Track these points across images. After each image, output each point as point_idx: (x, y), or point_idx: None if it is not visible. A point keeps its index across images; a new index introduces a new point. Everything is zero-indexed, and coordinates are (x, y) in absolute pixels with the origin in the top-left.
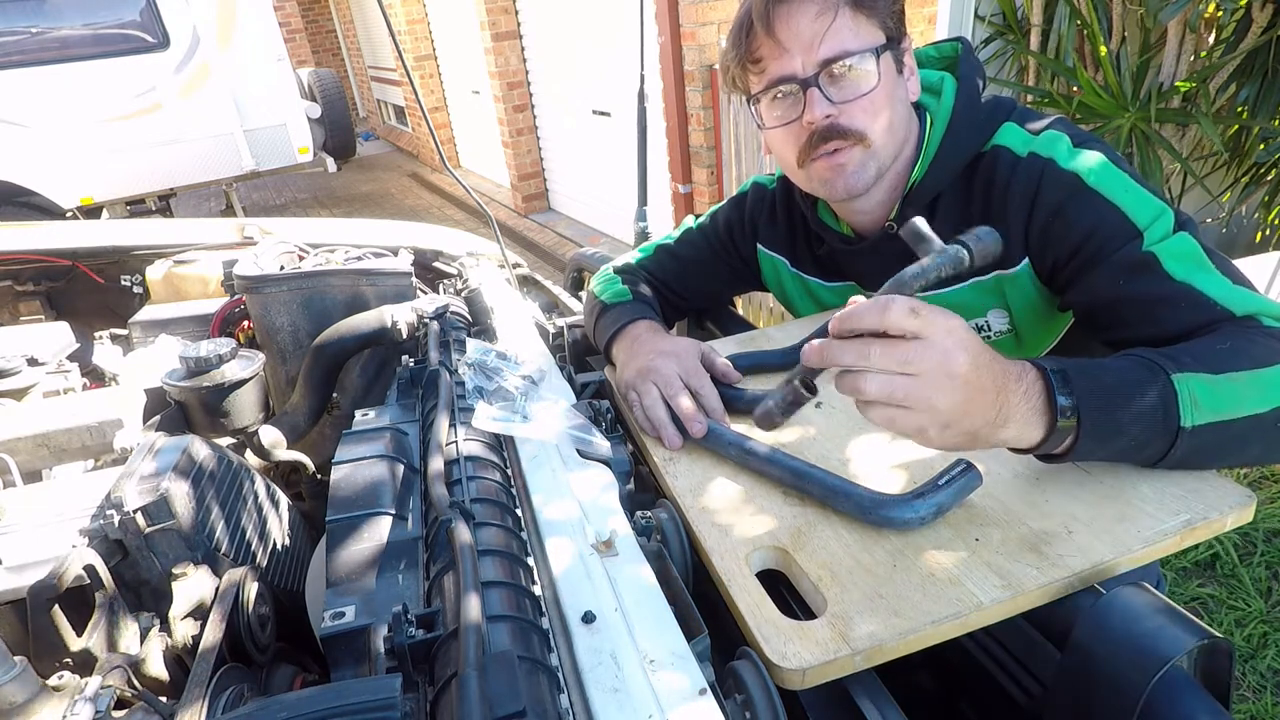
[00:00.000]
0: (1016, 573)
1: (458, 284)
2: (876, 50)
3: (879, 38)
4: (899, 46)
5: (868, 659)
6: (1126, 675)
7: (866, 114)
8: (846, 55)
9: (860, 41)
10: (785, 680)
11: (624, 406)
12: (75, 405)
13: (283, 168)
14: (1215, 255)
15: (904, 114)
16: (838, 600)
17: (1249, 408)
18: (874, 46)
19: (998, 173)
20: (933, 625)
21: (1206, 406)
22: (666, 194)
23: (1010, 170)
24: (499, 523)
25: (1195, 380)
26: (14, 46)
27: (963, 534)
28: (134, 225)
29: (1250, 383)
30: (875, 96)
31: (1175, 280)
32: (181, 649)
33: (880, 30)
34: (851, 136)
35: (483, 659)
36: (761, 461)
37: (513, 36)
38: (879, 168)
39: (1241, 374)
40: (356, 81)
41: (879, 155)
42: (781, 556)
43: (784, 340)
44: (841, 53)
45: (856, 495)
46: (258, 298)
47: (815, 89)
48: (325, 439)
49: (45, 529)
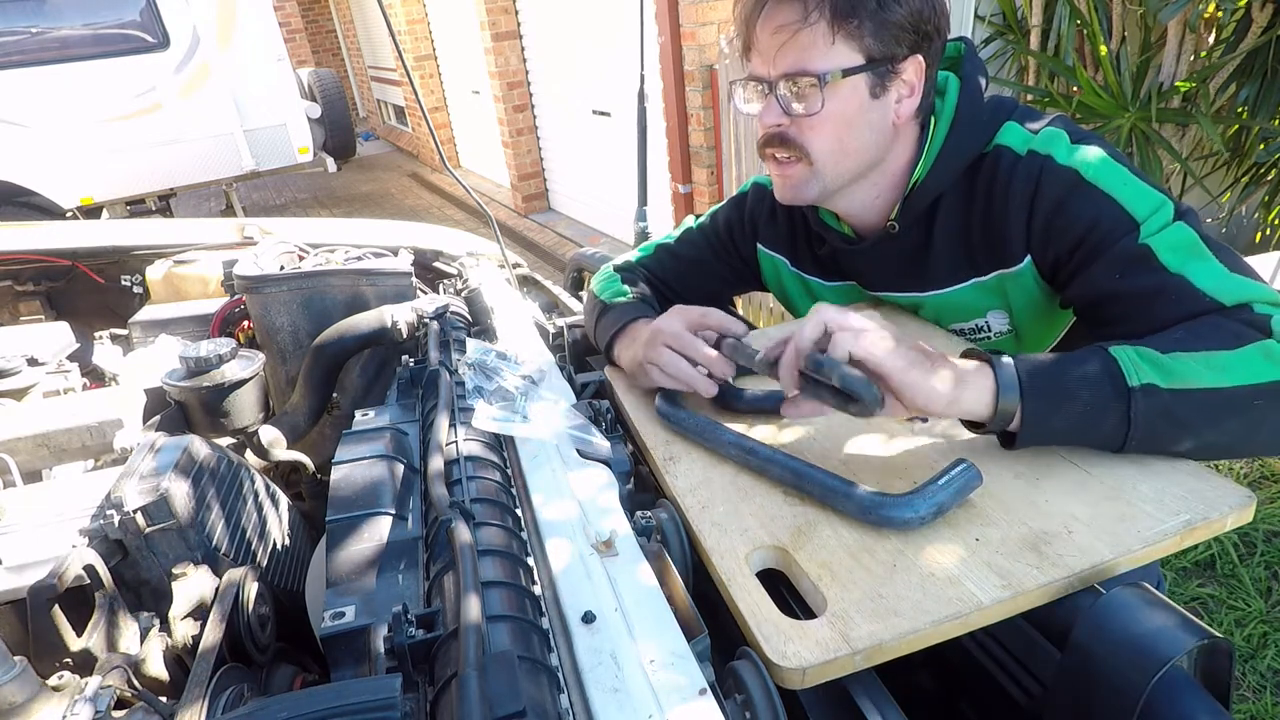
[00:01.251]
0: (1017, 572)
1: (458, 284)
2: (845, 71)
3: (853, 59)
4: (888, 68)
5: (868, 658)
6: (1126, 675)
7: (814, 133)
8: (802, 74)
9: (826, 61)
10: (785, 680)
11: (642, 384)
12: (75, 405)
13: (283, 168)
14: (1213, 243)
15: (870, 139)
16: (838, 600)
17: (1205, 381)
18: (841, 67)
19: (999, 172)
20: (933, 625)
21: (1151, 370)
22: (666, 194)
23: (1011, 169)
24: (499, 523)
25: (1134, 350)
26: (14, 46)
27: (963, 534)
28: (134, 225)
29: (1203, 361)
30: (824, 118)
31: (1169, 272)
32: (181, 649)
33: (859, 51)
34: (795, 150)
35: (483, 659)
36: (762, 461)
37: (513, 36)
38: (823, 188)
39: (1190, 354)
40: (356, 81)
41: (823, 176)
42: (781, 556)
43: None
44: (798, 70)
45: (856, 495)
46: (258, 298)
47: (773, 96)
48: (325, 439)
49: (45, 529)
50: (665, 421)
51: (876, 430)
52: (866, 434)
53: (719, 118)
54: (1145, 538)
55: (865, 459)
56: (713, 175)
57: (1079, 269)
